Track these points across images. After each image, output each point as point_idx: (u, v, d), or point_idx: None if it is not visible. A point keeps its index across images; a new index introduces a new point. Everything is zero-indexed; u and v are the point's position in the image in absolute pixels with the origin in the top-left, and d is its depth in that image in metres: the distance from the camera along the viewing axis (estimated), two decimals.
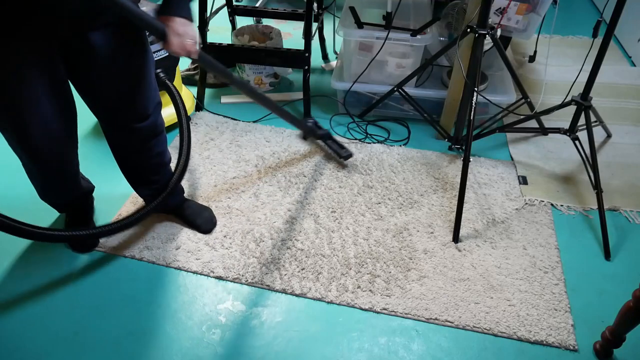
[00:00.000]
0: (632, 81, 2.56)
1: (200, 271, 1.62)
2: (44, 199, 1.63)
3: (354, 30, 2.16)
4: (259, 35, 2.57)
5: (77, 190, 1.66)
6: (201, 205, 1.82)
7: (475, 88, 1.78)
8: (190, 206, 1.78)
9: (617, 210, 1.84)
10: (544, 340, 1.42)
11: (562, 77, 2.55)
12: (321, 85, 2.56)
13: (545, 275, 1.60)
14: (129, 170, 1.64)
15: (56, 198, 1.66)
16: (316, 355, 1.40)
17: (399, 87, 2.10)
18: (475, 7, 1.79)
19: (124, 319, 1.49)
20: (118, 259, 1.67)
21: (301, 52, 2.15)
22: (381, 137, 2.20)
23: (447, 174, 2.01)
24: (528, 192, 1.91)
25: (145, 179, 1.64)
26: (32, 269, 1.63)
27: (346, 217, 1.81)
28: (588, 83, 1.82)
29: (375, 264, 1.63)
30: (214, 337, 1.45)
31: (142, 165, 1.60)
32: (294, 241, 1.71)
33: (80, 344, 1.42)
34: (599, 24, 1.67)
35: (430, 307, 1.51)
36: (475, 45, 1.80)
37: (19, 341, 1.43)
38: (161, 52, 1.88)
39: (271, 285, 1.57)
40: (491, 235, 1.74)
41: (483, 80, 2.23)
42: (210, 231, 1.75)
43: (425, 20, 2.17)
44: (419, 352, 1.41)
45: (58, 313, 1.50)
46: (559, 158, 2.09)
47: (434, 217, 1.81)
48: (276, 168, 2.03)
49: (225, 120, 2.30)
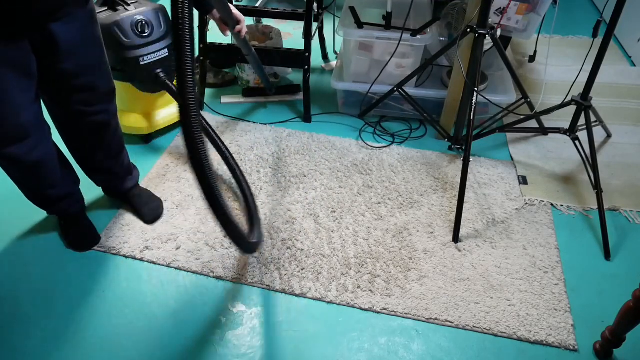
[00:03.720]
0: (632, 81, 2.56)
1: (200, 271, 1.62)
2: (31, 199, 1.63)
3: (354, 30, 2.16)
4: (258, 35, 2.57)
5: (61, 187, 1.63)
6: (152, 195, 1.84)
7: (475, 88, 1.78)
8: (140, 194, 1.80)
9: (617, 210, 1.84)
10: (544, 340, 1.42)
11: (562, 77, 2.55)
12: (321, 85, 2.56)
13: (545, 275, 1.60)
14: (83, 157, 1.69)
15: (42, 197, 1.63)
16: (316, 355, 1.40)
17: (399, 87, 2.10)
18: (475, 7, 1.79)
19: (124, 319, 1.49)
20: (118, 259, 1.67)
21: (301, 52, 2.15)
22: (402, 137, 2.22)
23: (447, 174, 2.01)
24: (528, 192, 1.91)
25: (99, 166, 1.70)
26: (33, 268, 1.63)
27: (346, 217, 1.81)
28: (588, 83, 1.82)
29: (375, 264, 1.63)
30: (214, 337, 1.45)
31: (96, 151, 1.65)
32: (294, 241, 1.71)
33: (80, 343, 1.42)
34: (599, 24, 1.67)
35: (430, 307, 1.51)
36: (475, 45, 1.80)
37: (18, 341, 1.43)
38: (161, 52, 1.88)
39: (271, 285, 1.57)
40: (491, 235, 1.74)
41: (483, 80, 2.23)
42: (153, 222, 1.77)
43: (425, 20, 2.17)
44: (419, 352, 1.41)
45: (57, 313, 1.50)
46: (559, 158, 2.09)
47: (434, 217, 1.81)
48: (276, 168, 2.03)
49: (225, 120, 2.30)
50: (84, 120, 1.54)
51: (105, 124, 1.60)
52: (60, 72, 1.39)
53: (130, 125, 2.06)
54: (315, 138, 2.19)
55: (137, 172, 1.86)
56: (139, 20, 1.79)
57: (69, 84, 1.43)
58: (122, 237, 1.72)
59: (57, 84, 1.43)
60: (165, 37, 1.88)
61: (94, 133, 1.60)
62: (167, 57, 1.90)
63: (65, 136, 1.63)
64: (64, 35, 1.31)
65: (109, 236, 1.72)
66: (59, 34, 1.30)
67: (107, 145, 1.66)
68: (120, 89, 1.78)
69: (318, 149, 2.13)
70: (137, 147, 2.14)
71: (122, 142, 1.72)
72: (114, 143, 1.68)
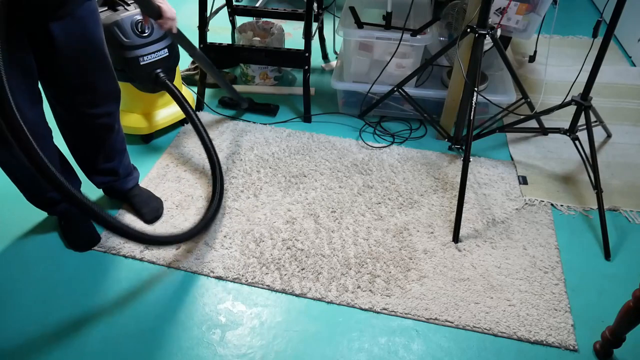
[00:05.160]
0: (632, 81, 2.56)
1: (200, 271, 1.62)
2: (31, 201, 1.63)
3: (354, 30, 2.16)
4: (259, 31, 2.58)
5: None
6: (152, 195, 1.84)
7: (475, 88, 1.78)
8: (140, 194, 1.80)
9: (617, 210, 1.84)
10: (544, 340, 1.42)
11: (562, 77, 2.55)
12: (321, 85, 2.56)
13: (545, 275, 1.60)
14: (84, 158, 1.68)
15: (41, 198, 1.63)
16: (316, 355, 1.40)
17: (399, 87, 2.10)
18: (475, 7, 1.79)
19: (124, 319, 1.49)
20: (118, 259, 1.67)
21: (301, 52, 2.15)
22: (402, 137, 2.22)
23: (447, 174, 2.01)
24: (528, 192, 1.91)
25: (101, 168, 1.70)
26: (32, 268, 1.63)
27: (346, 217, 1.81)
28: (588, 83, 1.82)
29: (375, 264, 1.63)
30: (214, 337, 1.45)
31: (99, 153, 1.65)
32: (294, 241, 1.71)
33: (80, 343, 1.42)
34: (599, 24, 1.67)
35: (430, 307, 1.51)
36: (475, 45, 1.80)
37: (19, 340, 1.43)
38: (161, 52, 1.88)
39: (271, 285, 1.57)
40: (491, 235, 1.74)
41: (483, 80, 2.23)
42: (153, 222, 1.77)
43: (425, 20, 2.17)
44: (419, 352, 1.41)
45: (57, 313, 1.50)
46: (559, 158, 2.09)
47: (434, 217, 1.81)
48: (276, 168, 2.03)
49: (225, 120, 2.30)
50: (87, 122, 1.54)
51: (109, 127, 1.60)
52: (60, 72, 1.39)
53: (130, 125, 2.06)
54: (315, 138, 2.19)
55: (137, 172, 1.86)
56: (139, 20, 1.79)
57: (70, 83, 1.43)
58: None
59: (58, 83, 1.43)
60: (165, 37, 1.88)
61: (98, 135, 1.60)
62: (167, 57, 1.90)
63: (68, 137, 1.63)
64: (64, 34, 1.31)
65: (109, 236, 1.72)
66: (58, 34, 1.30)
67: (110, 147, 1.66)
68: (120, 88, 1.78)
69: (318, 149, 2.13)
70: (137, 147, 2.14)
71: (124, 144, 1.73)
72: (117, 145, 1.69)
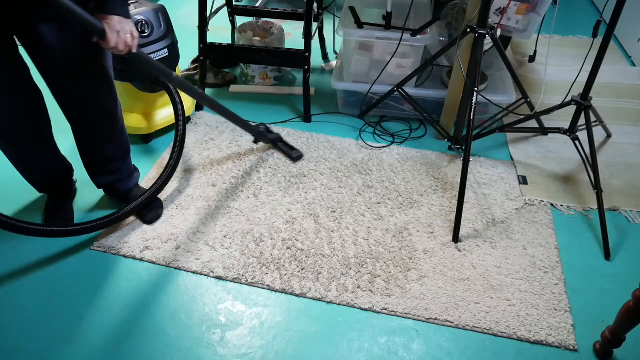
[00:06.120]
0: (632, 81, 2.56)
1: (200, 271, 1.62)
2: (23, 175, 1.68)
3: (354, 30, 2.16)
4: (259, 31, 2.58)
5: (55, 166, 1.71)
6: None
7: (475, 88, 1.78)
8: (140, 194, 1.80)
9: (617, 210, 1.84)
10: (544, 340, 1.42)
11: (562, 77, 2.55)
12: (321, 85, 2.56)
13: (545, 275, 1.60)
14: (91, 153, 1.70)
15: (35, 174, 1.70)
16: (316, 355, 1.40)
17: (399, 87, 2.10)
18: (475, 7, 1.79)
19: (124, 319, 1.49)
20: (118, 259, 1.67)
21: (301, 52, 2.16)
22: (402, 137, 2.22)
23: (447, 174, 2.01)
24: (528, 192, 1.91)
25: (107, 167, 1.73)
26: (33, 268, 1.63)
27: (346, 217, 1.81)
28: (588, 83, 1.82)
29: (375, 264, 1.63)
30: (214, 337, 1.45)
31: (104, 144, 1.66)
32: (294, 241, 1.71)
33: (81, 343, 1.42)
34: (599, 24, 1.67)
35: (430, 307, 1.51)
36: (475, 45, 1.80)
37: (18, 341, 1.43)
38: (161, 52, 1.88)
39: (271, 285, 1.57)
40: (491, 235, 1.74)
41: (483, 80, 2.23)
42: (153, 222, 1.78)
43: (425, 20, 2.17)
44: (419, 352, 1.41)
45: (58, 313, 1.50)
46: (559, 158, 2.09)
47: (434, 217, 1.81)
48: (276, 168, 2.03)
49: (225, 121, 2.30)
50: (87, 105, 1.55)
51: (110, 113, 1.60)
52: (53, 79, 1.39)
53: (130, 125, 2.06)
54: (315, 138, 2.19)
55: (137, 172, 1.87)
56: (139, 20, 1.79)
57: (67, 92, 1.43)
58: (122, 237, 1.72)
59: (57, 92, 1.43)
60: (165, 37, 1.88)
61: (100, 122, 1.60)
62: (167, 57, 1.90)
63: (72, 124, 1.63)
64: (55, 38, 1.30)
65: (109, 236, 1.72)
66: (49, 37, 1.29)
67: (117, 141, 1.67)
68: (120, 89, 1.78)
69: (318, 149, 2.13)
70: (137, 147, 2.14)
71: (128, 145, 1.75)
72: (122, 142, 1.70)
